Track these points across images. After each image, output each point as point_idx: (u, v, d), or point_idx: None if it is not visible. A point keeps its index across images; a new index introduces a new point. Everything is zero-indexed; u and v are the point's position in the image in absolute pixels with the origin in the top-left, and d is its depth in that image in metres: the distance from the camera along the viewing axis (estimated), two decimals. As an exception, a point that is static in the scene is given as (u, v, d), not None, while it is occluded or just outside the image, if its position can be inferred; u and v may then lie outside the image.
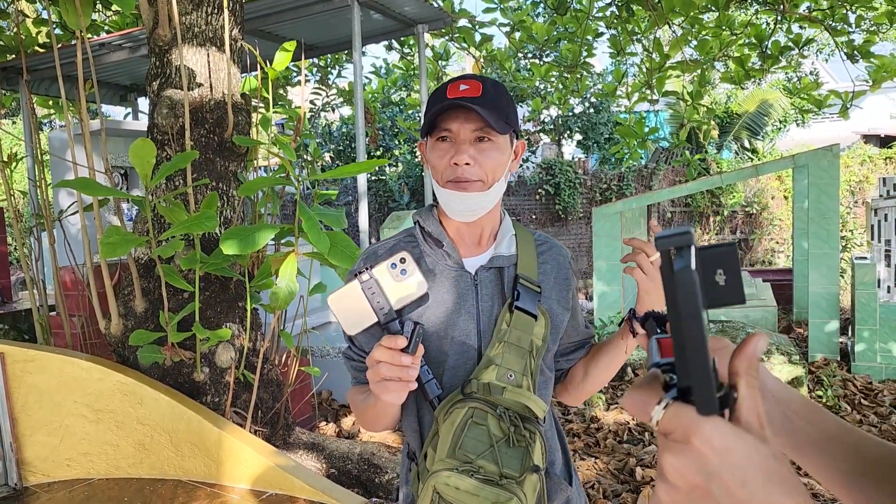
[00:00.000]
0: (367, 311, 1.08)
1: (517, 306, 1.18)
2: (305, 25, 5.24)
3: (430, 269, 1.23)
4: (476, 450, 1.09)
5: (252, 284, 3.08)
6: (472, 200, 1.17)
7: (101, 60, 5.63)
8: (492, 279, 1.23)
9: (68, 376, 3.00)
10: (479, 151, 1.16)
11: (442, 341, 1.20)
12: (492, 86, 1.17)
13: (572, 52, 6.08)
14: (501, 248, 1.25)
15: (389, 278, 1.08)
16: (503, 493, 1.04)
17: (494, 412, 1.11)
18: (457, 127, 1.16)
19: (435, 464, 1.10)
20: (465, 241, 1.26)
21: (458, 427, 1.11)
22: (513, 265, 1.24)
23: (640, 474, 3.63)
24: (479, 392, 1.14)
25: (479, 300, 1.22)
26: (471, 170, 1.16)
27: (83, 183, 2.68)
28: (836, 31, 5.21)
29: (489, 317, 1.21)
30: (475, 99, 1.14)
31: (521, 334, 1.17)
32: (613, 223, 6.32)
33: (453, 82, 1.17)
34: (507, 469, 1.08)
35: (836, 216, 5.78)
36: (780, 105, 13.69)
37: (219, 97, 3.27)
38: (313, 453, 3.39)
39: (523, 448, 1.10)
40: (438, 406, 1.16)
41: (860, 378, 5.35)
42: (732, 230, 13.74)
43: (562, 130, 13.43)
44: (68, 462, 3.01)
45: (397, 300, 1.08)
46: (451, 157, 1.16)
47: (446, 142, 1.17)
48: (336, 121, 13.91)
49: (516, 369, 1.16)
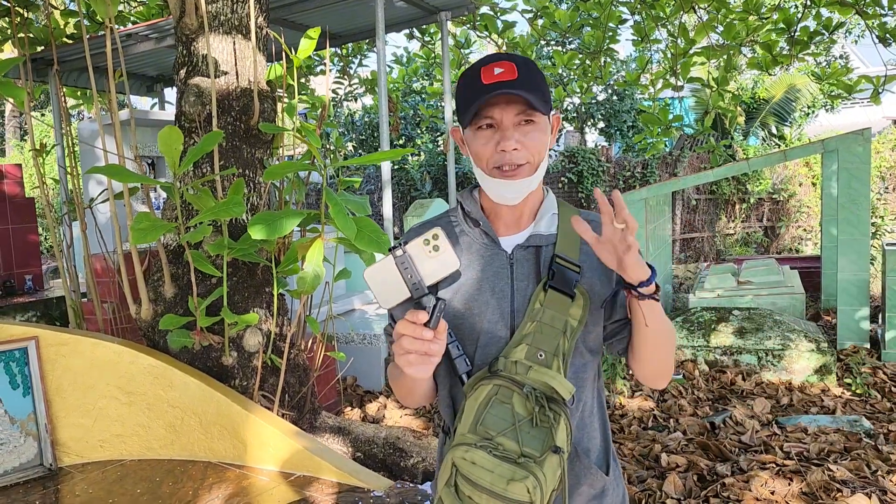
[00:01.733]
0: (401, 286, 1.09)
1: (552, 286, 1.17)
2: (329, 14, 5.26)
3: (466, 248, 1.24)
4: (497, 427, 1.09)
5: (279, 270, 3.11)
6: (522, 186, 1.18)
7: (128, 51, 5.70)
8: (528, 258, 1.23)
9: (100, 359, 3.07)
10: (524, 134, 1.16)
11: (475, 318, 1.21)
12: (524, 64, 1.15)
13: (596, 38, 6.03)
14: (541, 226, 1.25)
15: (422, 254, 1.09)
16: (520, 470, 1.04)
17: (521, 391, 1.11)
18: (499, 113, 1.15)
19: (456, 438, 1.11)
20: (504, 220, 1.26)
21: (481, 403, 1.12)
22: (552, 244, 1.23)
23: (665, 460, 3.62)
24: (505, 370, 1.14)
25: (514, 279, 1.21)
26: (518, 154, 1.15)
27: (114, 169, 2.73)
28: (868, 15, 5.10)
29: (524, 296, 1.20)
30: (514, 82, 1.13)
31: (555, 314, 1.17)
32: (638, 210, 6.28)
33: (486, 65, 1.16)
34: (528, 448, 1.08)
35: (867, 202, 5.69)
36: (808, 90, 13.45)
37: (245, 85, 3.30)
38: (339, 437, 3.43)
39: (547, 428, 1.10)
40: (467, 382, 1.17)
41: (890, 366, 5.27)
42: (759, 217, 13.56)
43: (584, 118, 13.34)
44: (101, 443, 3.08)
45: (429, 276, 1.10)
46: (497, 143, 1.16)
47: (489, 129, 1.17)
48: (358, 110, 13.95)
49: (547, 349, 1.15)
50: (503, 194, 1.19)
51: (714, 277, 7.12)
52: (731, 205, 13.39)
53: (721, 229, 13.29)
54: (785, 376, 5.16)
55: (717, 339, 5.47)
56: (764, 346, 5.28)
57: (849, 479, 3.26)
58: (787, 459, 3.57)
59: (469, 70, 1.18)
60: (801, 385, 4.99)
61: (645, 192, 6.38)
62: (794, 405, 4.57)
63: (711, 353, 5.44)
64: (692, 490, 3.29)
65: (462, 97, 1.18)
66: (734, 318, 5.66)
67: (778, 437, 3.92)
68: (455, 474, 1.08)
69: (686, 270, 11.26)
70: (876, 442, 3.80)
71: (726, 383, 5.06)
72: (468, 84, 1.17)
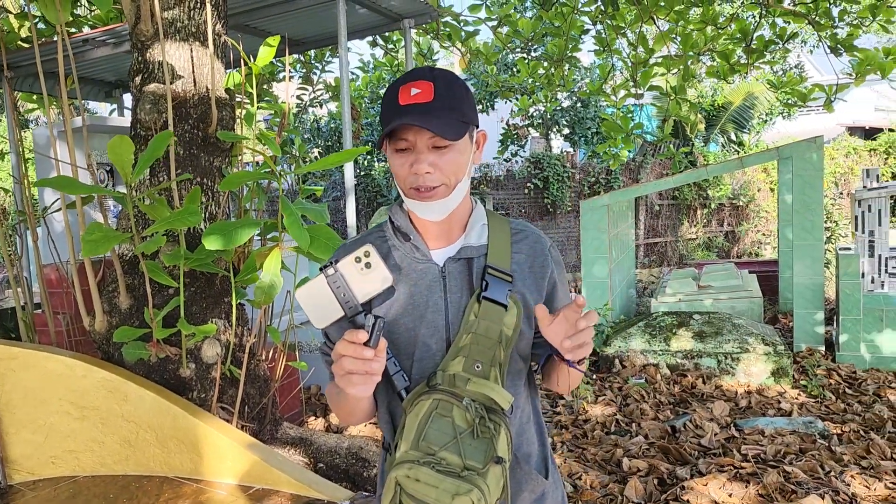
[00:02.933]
0: (334, 305, 1.09)
1: (485, 297, 1.18)
2: (291, 20, 5.22)
3: (397, 264, 1.23)
4: (439, 441, 1.09)
5: (237, 279, 3.07)
6: (436, 206, 1.18)
7: (84, 56, 5.58)
8: (460, 270, 1.23)
9: (52, 373, 2.99)
10: (439, 156, 1.15)
11: (410, 334, 1.21)
12: (444, 84, 1.15)
13: (558, 46, 6.09)
14: (471, 238, 1.25)
15: (354, 272, 1.09)
16: (464, 484, 1.05)
17: (460, 403, 1.12)
18: (412, 137, 1.15)
19: (398, 455, 1.11)
20: (433, 233, 1.26)
21: (422, 419, 1.12)
22: (483, 255, 1.24)
23: (627, 465, 3.66)
24: (444, 383, 1.14)
25: (447, 292, 1.22)
26: (432, 177, 1.15)
27: (63, 181, 2.67)
28: (820, 26, 5.24)
29: (457, 308, 1.20)
30: (429, 105, 1.12)
31: (489, 325, 1.17)
32: (601, 216, 6.35)
33: (404, 84, 1.15)
34: (470, 460, 1.08)
35: (821, 207, 5.83)
36: (765, 98, 13.77)
37: (202, 92, 3.26)
38: (301, 448, 3.39)
39: (488, 439, 1.10)
40: (406, 398, 1.16)
41: (844, 367, 5.40)
42: (720, 222, 13.82)
43: (550, 125, 13.45)
44: (53, 460, 3.00)
45: (362, 293, 1.09)
46: (411, 165, 1.15)
47: (405, 152, 1.16)
48: (324, 116, 13.87)
49: (484, 360, 1.16)
50: (423, 214, 1.20)
51: (675, 282, 7.23)
52: (693, 210, 13.63)
53: (683, 234, 13.52)
54: (743, 379, 5.25)
55: (678, 343, 5.55)
56: (723, 349, 5.37)
57: (803, 480, 3.33)
58: (744, 462, 3.63)
59: (391, 87, 1.18)
60: (759, 388, 5.09)
61: (608, 199, 6.46)
62: (752, 407, 4.65)
63: (673, 358, 5.52)
64: (652, 494, 3.33)
65: (382, 115, 1.18)
66: (694, 322, 5.75)
67: (736, 440, 3.99)
68: (399, 493, 1.08)
69: (650, 275, 11.42)
70: (830, 443, 3.88)
71: (687, 387, 5.13)
72: (387, 103, 1.17)
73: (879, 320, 5.39)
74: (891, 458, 3.65)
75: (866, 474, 3.44)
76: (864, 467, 3.54)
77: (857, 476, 3.41)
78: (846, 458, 3.65)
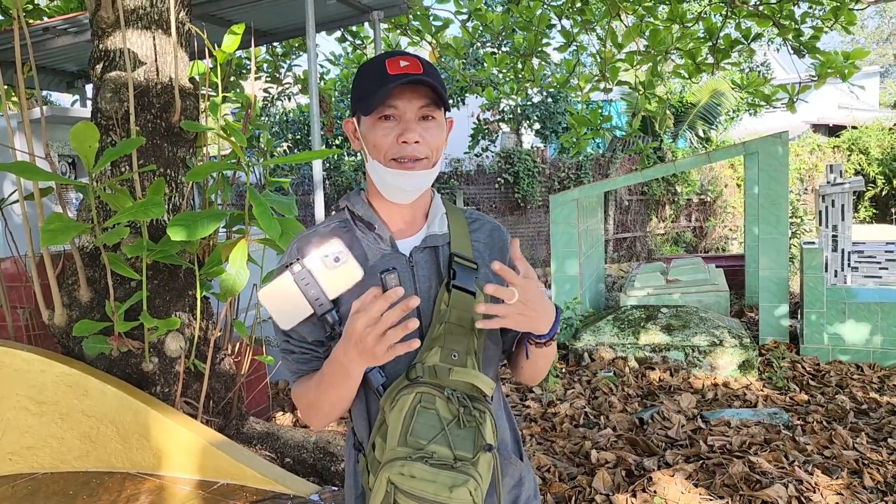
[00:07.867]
0: (302, 304, 1.05)
1: (455, 285, 1.16)
2: (257, 10, 5.14)
3: (363, 254, 1.20)
4: (427, 435, 1.07)
5: (202, 272, 3.01)
6: (418, 179, 1.16)
7: (45, 45, 5.43)
8: (427, 259, 1.21)
9: (9, 368, 2.91)
10: (425, 129, 1.16)
11: None
12: (427, 63, 1.16)
13: (528, 40, 6.09)
14: (434, 227, 1.23)
15: (323, 268, 1.04)
16: (459, 475, 1.03)
17: (442, 394, 1.10)
18: (403, 105, 1.14)
19: (386, 454, 1.08)
20: (396, 222, 1.24)
21: (406, 414, 1.08)
22: (447, 244, 1.22)
23: (595, 457, 3.68)
24: (424, 375, 1.12)
25: (416, 281, 1.19)
26: (419, 147, 1.15)
27: (22, 167, 2.59)
28: (784, 28, 5.31)
29: (427, 298, 1.18)
30: (419, 75, 1.12)
31: (461, 313, 1.15)
32: (570, 210, 6.38)
33: (390, 58, 1.14)
34: (460, 451, 1.06)
35: (786, 202, 5.93)
36: (732, 95, 13.97)
37: (165, 81, 3.19)
38: (268, 443, 3.35)
39: (474, 428, 1.09)
40: (384, 394, 1.13)
41: (808, 359, 5.50)
42: (688, 218, 14.00)
43: (520, 119, 13.49)
44: (10, 456, 2.92)
45: (333, 290, 1.05)
46: (398, 135, 1.14)
47: (390, 120, 1.15)
48: (294, 109, 13.73)
49: (459, 349, 1.14)
50: (400, 186, 1.17)
51: (644, 276, 7.30)
52: (662, 205, 13.79)
53: (652, 229, 13.67)
54: (710, 371, 5.32)
55: (646, 336, 5.61)
56: (691, 342, 5.43)
57: (768, 470, 3.38)
58: (710, 453, 3.68)
59: (371, 61, 1.17)
60: (726, 380, 5.16)
61: (577, 193, 6.49)
62: (718, 399, 4.71)
63: (641, 351, 5.57)
64: (620, 485, 3.35)
65: (363, 87, 1.16)
66: (662, 315, 5.81)
67: (702, 431, 4.04)
68: (393, 492, 1.05)
69: (619, 269, 11.52)
70: (794, 433, 3.95)
71: (655, 380, 5.18)
72: (371, 74, 1.15)
73: (842, 313, 5.50)
74: (852, 447, 3.73)
75: (829, 464, 3.51)
76: (826, 457, 3.61)
77: (819, 466, 3.47)
78: (809, 448, 3.71)
